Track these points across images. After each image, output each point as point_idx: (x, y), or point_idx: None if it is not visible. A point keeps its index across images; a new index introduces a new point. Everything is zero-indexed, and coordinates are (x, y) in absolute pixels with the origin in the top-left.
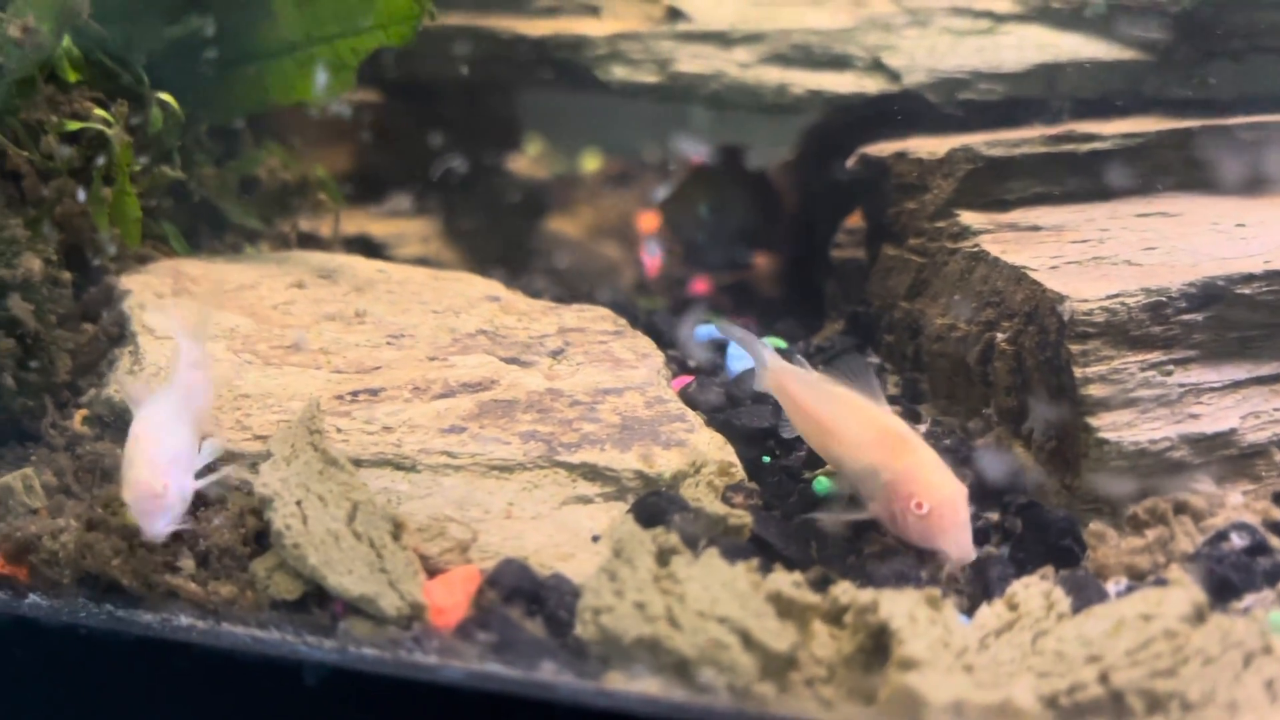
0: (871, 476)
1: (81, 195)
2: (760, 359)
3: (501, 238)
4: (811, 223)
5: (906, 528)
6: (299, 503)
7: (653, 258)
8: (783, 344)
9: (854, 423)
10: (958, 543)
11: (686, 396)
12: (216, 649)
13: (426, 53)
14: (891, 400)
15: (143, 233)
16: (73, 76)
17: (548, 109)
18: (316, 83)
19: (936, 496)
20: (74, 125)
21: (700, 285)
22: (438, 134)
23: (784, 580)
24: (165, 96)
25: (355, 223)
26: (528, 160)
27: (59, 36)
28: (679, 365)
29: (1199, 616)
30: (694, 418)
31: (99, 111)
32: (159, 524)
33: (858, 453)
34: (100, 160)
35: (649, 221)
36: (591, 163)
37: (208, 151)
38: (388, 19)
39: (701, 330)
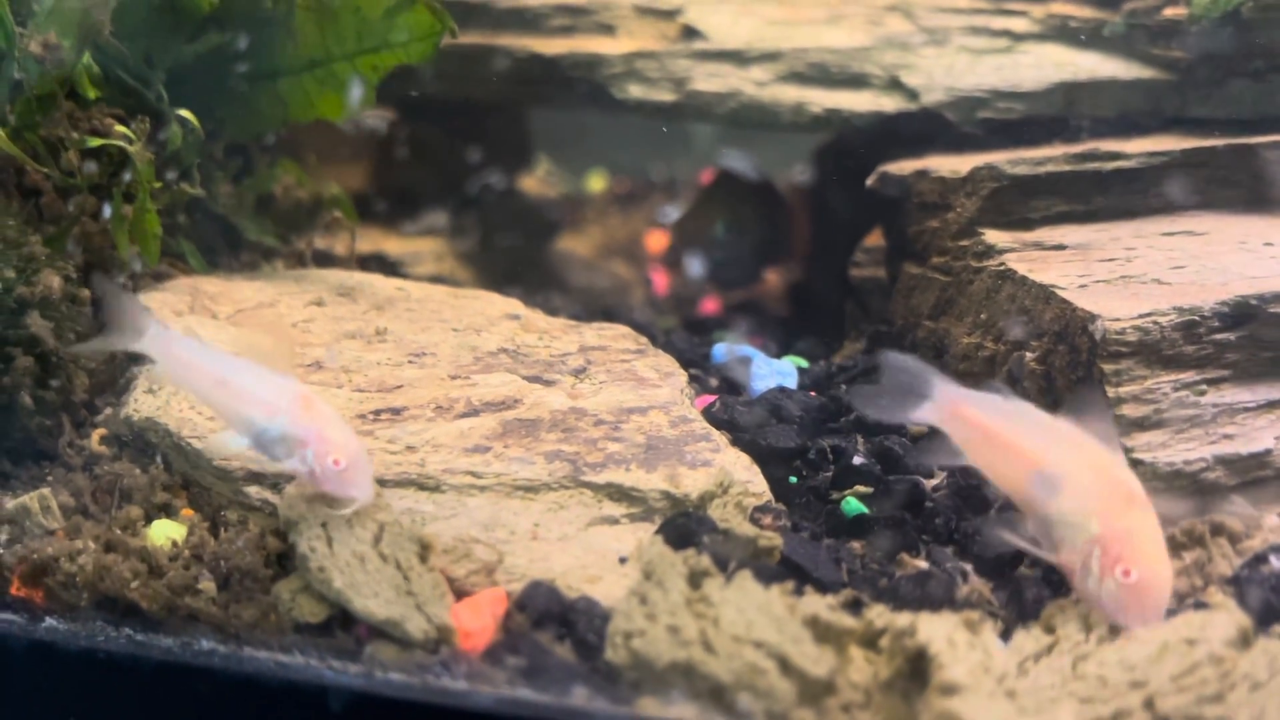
0: (1078, 523)
1: (107, 211)
2: (924, 388)
3: (515, 257)
4: (829, 241)
5: (1102, 590)
6: (324, 524)
7: (662, 277)
8: (804, 363)
9: (1073, 460)
10: (1150, 625)
11: (710, 416)
12: (239, 674)
13: (441, 72)
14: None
15: (161, 250)
16: (92, 93)
17: (560, 129)
18: (336, 100)
19: (1149, 570)
20: (95, 141)
21: (710, 305)
22: (453, 153)
23: (819, 604)
24: (185, 113)
25: (370, 241)
26: (538, 180)
27: (79, 53)
28: (700, 384)
29: (1244, 641)
30: (719, 437)
31: (120, 128)
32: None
33: (1070, 493)
34: (121, 177)
35: (658, 240)
36: (594, 185)
37: (225, 169)
38: (408, 36)
39: (719, 349)
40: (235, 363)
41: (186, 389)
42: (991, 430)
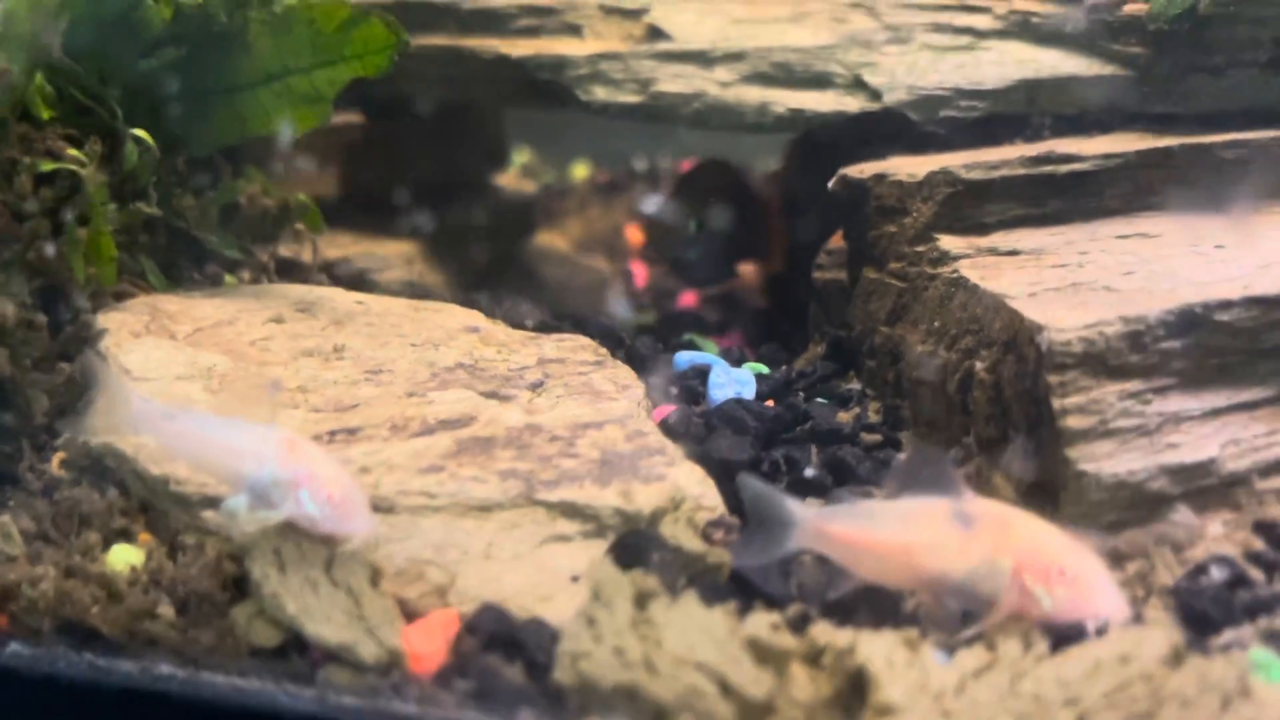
0: (990, 571)
1: (52, 246)
2: (785, 517)
3: (487, 256)
4: (800, 240)
5: (1060, 602)
6: (276, 550)
7: (641, 270)
8: (764, 369)
9: (942, 528)
10: (1117, 598)
11: (667, 427)
12: (197, 698)
13: (408, 74)
14: (871, 428)
15: (120, 269)
16: (46, 114)
17: (532, 124)
18: (294, 114)
19: (1075, 557)
20: (48, 166)
21: (688, 299)
22: (421, 155)
23: (762, 624)
24: (140, 132)
25: (338, 247)
26: (514, 175)
27: (29, 77)
28: (660, 393)
29: (1176, 658)
30: (674, 450)
31: (72, 151)
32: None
33: (962, 557)
34: (75, 200)
35: (636, 235)
36: (579, 174)
37: (186, 183)
38: (363, 49)
39: (681, 357)
40: (217, 421)
41: (184, 459)
42: (860, 541)
